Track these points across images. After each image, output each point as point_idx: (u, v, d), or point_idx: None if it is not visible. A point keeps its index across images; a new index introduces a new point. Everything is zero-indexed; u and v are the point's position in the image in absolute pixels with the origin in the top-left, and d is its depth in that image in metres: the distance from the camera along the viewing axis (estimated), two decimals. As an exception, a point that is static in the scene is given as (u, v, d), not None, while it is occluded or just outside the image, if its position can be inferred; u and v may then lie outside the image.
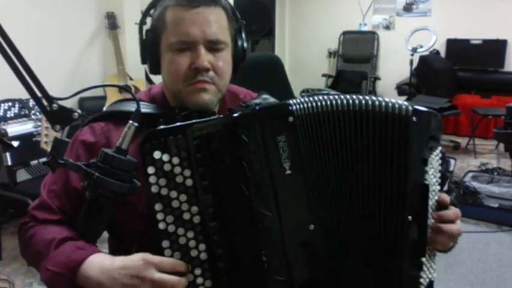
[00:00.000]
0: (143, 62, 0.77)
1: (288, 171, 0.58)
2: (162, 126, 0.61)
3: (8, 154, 2.06)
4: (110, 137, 0.75)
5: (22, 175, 2.18)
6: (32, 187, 2.10)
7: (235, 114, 0.60)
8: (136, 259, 0.60)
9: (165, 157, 0.61)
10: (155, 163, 0.60)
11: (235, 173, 0.59)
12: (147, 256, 0.60)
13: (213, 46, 0.71)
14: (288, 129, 0.58)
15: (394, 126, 0.64)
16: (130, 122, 0.62)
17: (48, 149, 1.62)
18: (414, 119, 0.64)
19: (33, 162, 2.17)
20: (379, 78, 4.74)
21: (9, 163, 2.08)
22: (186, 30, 0.69)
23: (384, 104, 0.64)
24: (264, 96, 0.82)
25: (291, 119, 0.59)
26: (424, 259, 0.68)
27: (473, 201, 2.64)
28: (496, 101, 4.21)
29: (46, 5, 2.75)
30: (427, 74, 4.31)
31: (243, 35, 0.78)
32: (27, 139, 2.12)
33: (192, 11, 0.69)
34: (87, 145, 0.75)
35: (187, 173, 0.62)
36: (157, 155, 0.60)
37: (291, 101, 0.60)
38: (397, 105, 0.64)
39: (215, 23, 0.71)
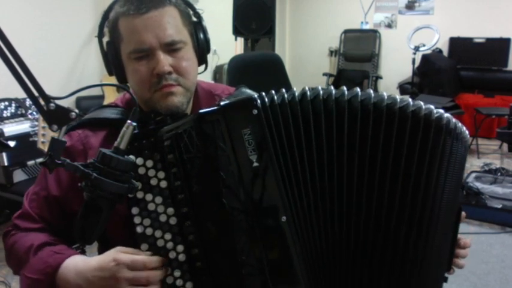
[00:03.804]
0: (110, 74, 0.76)
1: (256, 164, 0.59)
2: (135, 131, 0.62)
3: (4, 154, 2.05)
4: (87, 143, 0.75)
5: (19, 175, 2.17)
6: (28, 188, 2.08)
7: (201, 111, 0.60)
8: (109, 260, 0.61)
9: (139, 161, 0.63)
10: None
11: (205, 169, 0.60)
12: (119, 256, 0.61)
13: (170, 48, 0.70)
14: (253, 122, 0.59)
15: (456, 145, 0.66)
16: (129, 121, 0.61)
17: (45, 149, 1.60)
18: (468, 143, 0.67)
19: (30, 163, 2.16)
20: (380, 77, 4.71)
21: (6, 163, 2.08)
22: (140, 38, 0.69)
23: (433, 113, 0.65)
24: (243, 90, 0.81)
25: (255, 111, 0.60)
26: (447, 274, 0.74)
27: (476, 202, 2.61)
28: (499, 101, 4.18)
29: (43, 4, 2.74)
30: (430, 73, 4.28)
31: (204, 26, 0.77)
32: (23, 139, 2.11)
33: (142, 17, 0.68)
34: (64, 150, 0.74)
35: (161, 175, 0.63)
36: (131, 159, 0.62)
37: (256, 95, 0.61)
38: (453, 121, 0.66)
39: (168, 24, 0.70)
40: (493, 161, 3.44)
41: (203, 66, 0.80)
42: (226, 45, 3.47)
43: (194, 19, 0.77)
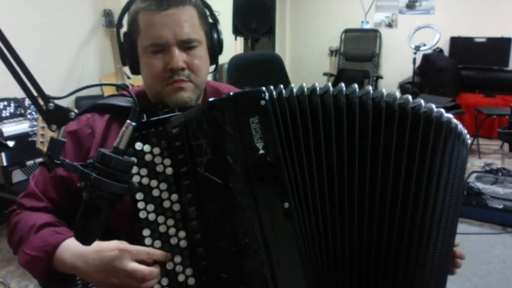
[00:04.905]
0: (123, 64, 0.80)
1: (262, 151, 0.61)
2: (144, 120, 0.65)
3: (3, 154, 2.05)
4: (94, 127, 0.78)
5: (18, 176, 2.17)
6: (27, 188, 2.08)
7: (211, 99, 0.62)
8: (111, 247, 0.62)
9: (146, 148, 0.65)
10: (137, 154, 0.64)
11: (213, 155, 0.62)
12: (123, 245, 0.62)
13: (186, 45, 0.74)
14: (261, 112, 0.61)
15: (462, 148, 0.67)
16: (128, 121, 0.62)
17: (44, 149, 1.59)
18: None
19: (29, 163, 2.16)
20: (381, 77, 4.70)
21: (5, 163, 2.07)
22: (158, 33, 0.72)
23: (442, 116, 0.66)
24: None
25: (262, 102, 0.61)
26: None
27: (477, 203, 2.60)
28: (500, 100, 4.16)
29: (43, 4, 2.73)
30: (430, 73, 4.27)
31: (218, 28, 0.81)
32: (22, 139, 2.11)
33: (162, 13, 0.72)
34: (71, 133, 0.78)
35: (167, 162, 0.65)
36: (138, 146, 0.64)
37: (264, 88, 0.63)
38: (460, 125, 0.67)
39: (186, 22, 0.73)
40: (494, 161, 3.43)
41: (213, 66, 0.84)
42: (226, 45, 3.46)
43: (211, 20, 0.81)
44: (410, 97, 0.65)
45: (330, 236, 0.64)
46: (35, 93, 0.58)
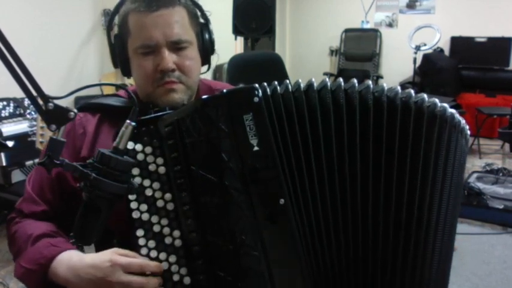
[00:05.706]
0: (115, 66, 0.79)
1: (256, 148, 0.60)
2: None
3: (2, 154, 2.04)
4: (86, 126, 0.79)
5: (17, 176, 2.17)
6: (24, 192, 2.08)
7: (204, 97, 0.62)
8: (104, 259, 0.61)
9: (138, 147, 0.64)
10: (128, 153, 0.63)
11: (207, 152, 0.61)
12: (115, 257, 0.61)
13: (176, 46, 0.73)
14: (254, 109, 0.60)
15: (465, 145, 0.66)
16: (128, 121, 0.62)
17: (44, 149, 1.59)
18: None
19: (29, 163, 2.16)
20: (381, 77, 4.69)
21: (4, 163, 2.07)
22: (148, 34, 0.71)
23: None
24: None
25: (256, 99, 0.61)
26: None
27: (477, 203, 2.60)
28: (501, 100, 4.16)
29: (43, 4, 2.73)
30: (431, 73, 4.27)
31: (210, 28, 0.81)
32: (22, 139, 2.11)
33: (152, 14, 0.71)
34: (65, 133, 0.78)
35: (160, 161, 0.64)
36: (130, 145, 0.63)
37: (257, 84, 0.63)
38: (463, 121, 0.66)
39: (176, 23, 0.73)
40: (495, 161, 3.42)
41: (206, 66, 0.83)
42: (226, 45, 3.46)
43: (202, 20, 0.80)
44: (412, 91, 0.64)
45: (332, 236, 0.63)
46: (34, 93, 0.58)
